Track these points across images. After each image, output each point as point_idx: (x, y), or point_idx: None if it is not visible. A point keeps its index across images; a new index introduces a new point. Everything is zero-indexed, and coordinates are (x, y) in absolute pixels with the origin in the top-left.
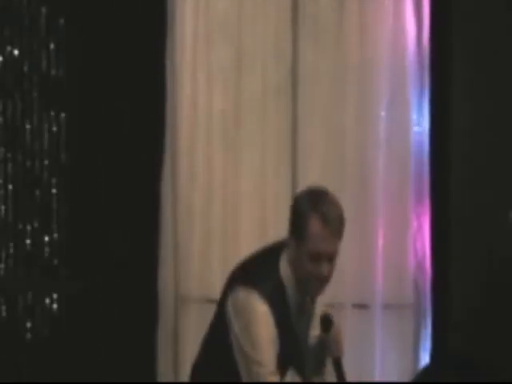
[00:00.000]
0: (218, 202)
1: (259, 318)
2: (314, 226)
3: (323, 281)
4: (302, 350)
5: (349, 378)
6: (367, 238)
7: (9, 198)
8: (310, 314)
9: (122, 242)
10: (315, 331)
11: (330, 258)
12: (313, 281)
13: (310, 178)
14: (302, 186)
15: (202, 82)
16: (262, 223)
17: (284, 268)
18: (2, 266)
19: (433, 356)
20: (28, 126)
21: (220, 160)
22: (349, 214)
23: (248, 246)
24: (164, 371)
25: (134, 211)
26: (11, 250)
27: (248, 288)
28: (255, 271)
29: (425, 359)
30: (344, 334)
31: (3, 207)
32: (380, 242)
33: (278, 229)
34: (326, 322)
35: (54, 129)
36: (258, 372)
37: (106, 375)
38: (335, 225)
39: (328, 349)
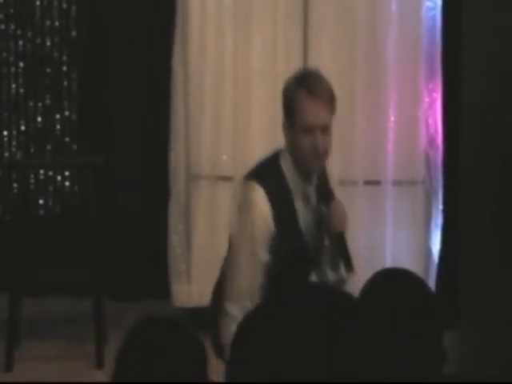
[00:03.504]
0: (229, 81)
1: (254, 204)
2: (302, 99)
3: (320, 154)
4: (310, 244)
5: (361, 255)
6: (378, 114)
7: (20, 75)
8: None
9: (133, 119)
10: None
11: (324, 129)
12: (310, 156)
13: (321, 57)
14: (313, 64)
15: None
16: (273, 102)
17: (284, 161)
18: (14, 143)
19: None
20: (38, 3)
21: (231, 41)
22: (360, 91)
23: (259, 124)
24: (175, 245)
25: (146, 90)
26: (23, 128)
27: (247, 178)
28: (256, 167)
29: (436, 235)
30: (347, 210)
31: (14, 85)
32: (391, 118)
33: None
34: (324, 193)
35: (64, 5)
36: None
37: (118, 250)
38: (323, 96)
39: (329, 224)
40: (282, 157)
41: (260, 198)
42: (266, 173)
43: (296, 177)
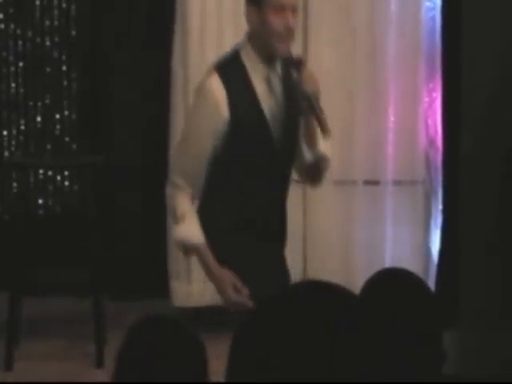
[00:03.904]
0: None
1: (208, 89)
2: None
3: (291, 33)
4: (276, 131)
5: (360, 255)
6: (378, 114)
7: (19, 75)
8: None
9: (133, 119)
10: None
11: (293, 9)
12: (280, 36)
13: (321, 57)
14: (313, 60)
15: None
16: None
17: (244, 50)
18: (14, 142)
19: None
20: (37, 3)
21: (230, 41)
22: (360, 91)
23: None
24: None
25: (146, 90)
26: (22, 127)
27: (208, 72)
28: (216, 61)
29: (436, 234)
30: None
31: (14, 84)
32: (391, 118)
33: None
34: (295, 61)
35: (64, 5)
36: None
37: (118, 249)
38: None
39: (302, 88)
40: (241, 47)
41: (215, 83)
42: (224, 62)
43: (258, 63)
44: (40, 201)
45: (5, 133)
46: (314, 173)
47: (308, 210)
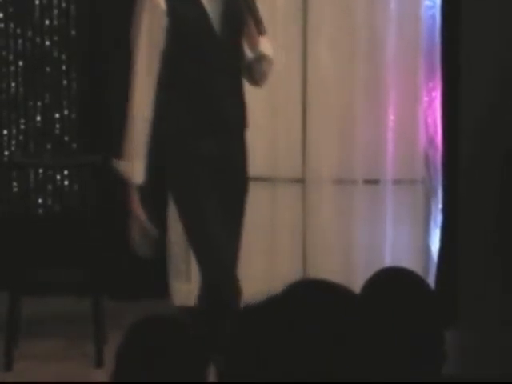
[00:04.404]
0: None
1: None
2: None
3: None
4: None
5: (360, 254)
6: (378, 113)
7: (19, 74)
8: None
9: None
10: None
11: None
12: None
13: (320, 57)
14: (313, 59)
15: None
16: (273, 102)
17: None
18: (13, 142)
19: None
20: (37, 2)
21: None
22: (359, 90)
23: (257, 125)
24: (174, 245)
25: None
26: (22, 126)
27: None
28: None
29: (435, 234)
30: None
31: (14, 84)
32: (391, 117)
33: (290, 105)
34: None
35: (64, 5)
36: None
37: (118, 249)
38: None
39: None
40: None
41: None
42: None
43: None
44: (39, 200)
45: (5, 132)
46: (256, 72)
47: (308, 209)
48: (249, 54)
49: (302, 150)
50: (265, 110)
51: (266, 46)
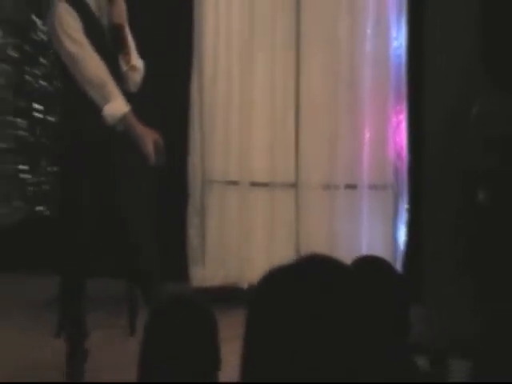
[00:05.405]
0: (236, 105)
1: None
2: None
3: None
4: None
5: (342, 245)
6: (356, 131)
7: None
8: None
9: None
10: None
11: None
12: None
13: (311, 84)
14: (304, 90)
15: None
16: (272, 120)
17: None
18: None
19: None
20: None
21: (237, 74)
22: (342, 112)
23: (259, 140)
24: (192, 236)
25: (168, 111)
26: None
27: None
28: None
29: (402, 229)
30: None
31: None
32: (367, 134)
33: (285, 122)
34: None
35: None
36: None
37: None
38: None
39: (110, 16)
40: None
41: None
42: None
43: None
44: None
45: None
46: (129, 78)
47: (300, 210)
48: (122, 64)
49: (295, 160)
50: (264, 128)
51: (137, 60)
